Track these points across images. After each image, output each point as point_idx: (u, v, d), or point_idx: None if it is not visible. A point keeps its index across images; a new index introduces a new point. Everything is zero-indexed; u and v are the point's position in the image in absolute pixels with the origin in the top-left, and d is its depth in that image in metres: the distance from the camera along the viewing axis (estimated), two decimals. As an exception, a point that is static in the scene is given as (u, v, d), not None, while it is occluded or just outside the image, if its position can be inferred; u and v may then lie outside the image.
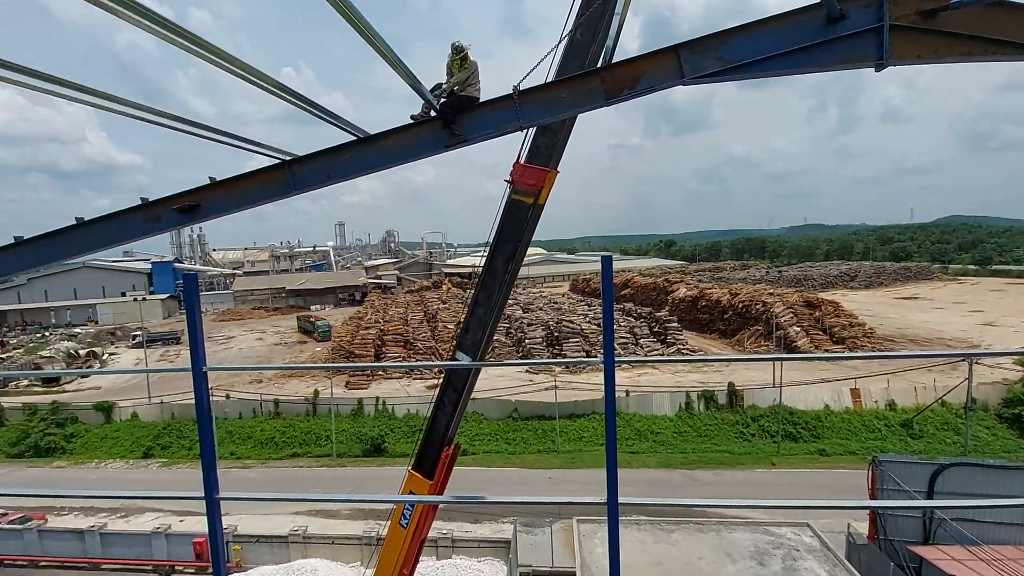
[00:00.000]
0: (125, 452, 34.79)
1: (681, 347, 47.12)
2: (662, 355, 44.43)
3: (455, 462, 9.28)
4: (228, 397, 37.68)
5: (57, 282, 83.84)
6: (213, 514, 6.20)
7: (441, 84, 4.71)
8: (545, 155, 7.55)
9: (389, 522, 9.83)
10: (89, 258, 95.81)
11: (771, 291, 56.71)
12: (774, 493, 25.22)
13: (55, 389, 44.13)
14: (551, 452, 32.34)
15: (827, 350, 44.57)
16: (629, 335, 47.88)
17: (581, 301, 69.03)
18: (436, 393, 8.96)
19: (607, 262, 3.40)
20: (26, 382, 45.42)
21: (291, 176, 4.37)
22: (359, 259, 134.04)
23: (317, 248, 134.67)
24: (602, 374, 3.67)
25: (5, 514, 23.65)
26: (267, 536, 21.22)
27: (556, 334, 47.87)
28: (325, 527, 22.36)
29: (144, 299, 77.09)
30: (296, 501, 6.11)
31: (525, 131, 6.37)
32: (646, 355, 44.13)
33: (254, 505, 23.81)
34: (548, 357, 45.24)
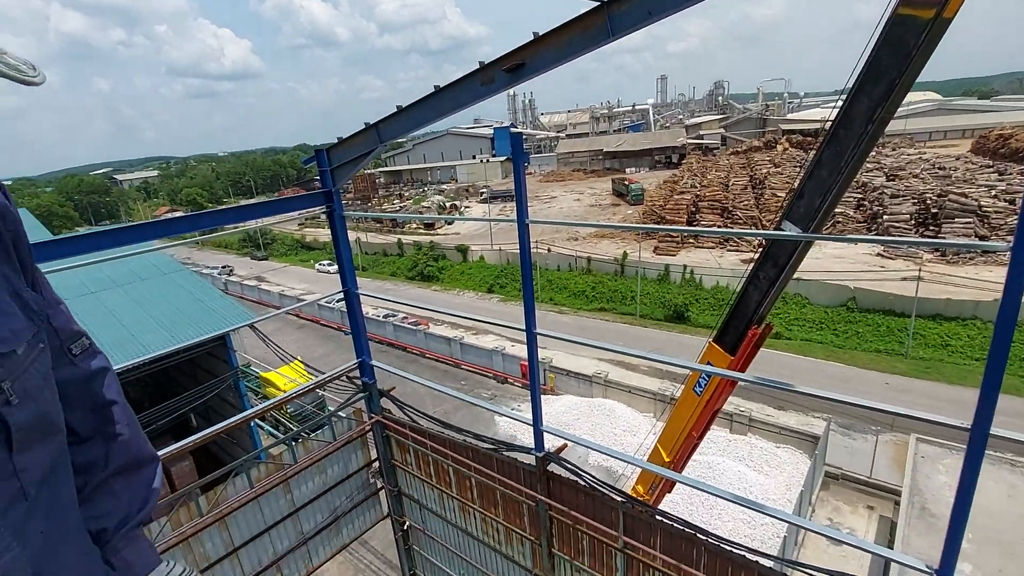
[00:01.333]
0: (475, 286, 44.22)
1: None
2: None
3: (763, 343, 8.28)
4: (549, 251, 42.85)
5: (431, 147, 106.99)
6: (532, 345, 7.02)
7: None
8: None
9: (684, 386, 9.78)
10: (451, 125, 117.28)
11: None
12: None
13: (431, 232, 58.39)
14: (895, 355, 26.66)
15: None
16: (1066, 218, 32.78)
17: (987, 167, 48.62)
18: (751, 266, 7.82)
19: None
20: (414, 225, 61.42)
21: (608, 19, 3.88)
22: (680, 117, 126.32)
23: (636, 107, 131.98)
24: (1004, 268, 2.34)
25: (406, 318, 33.65)
26: (575, 372, 24.53)
27: (934, 210, 36.30)
28: (623, 376, 24.40)
29: (487, 161, 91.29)
30: (601, 348, 6.56)
31: None
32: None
33: (566, 345, 27.49)
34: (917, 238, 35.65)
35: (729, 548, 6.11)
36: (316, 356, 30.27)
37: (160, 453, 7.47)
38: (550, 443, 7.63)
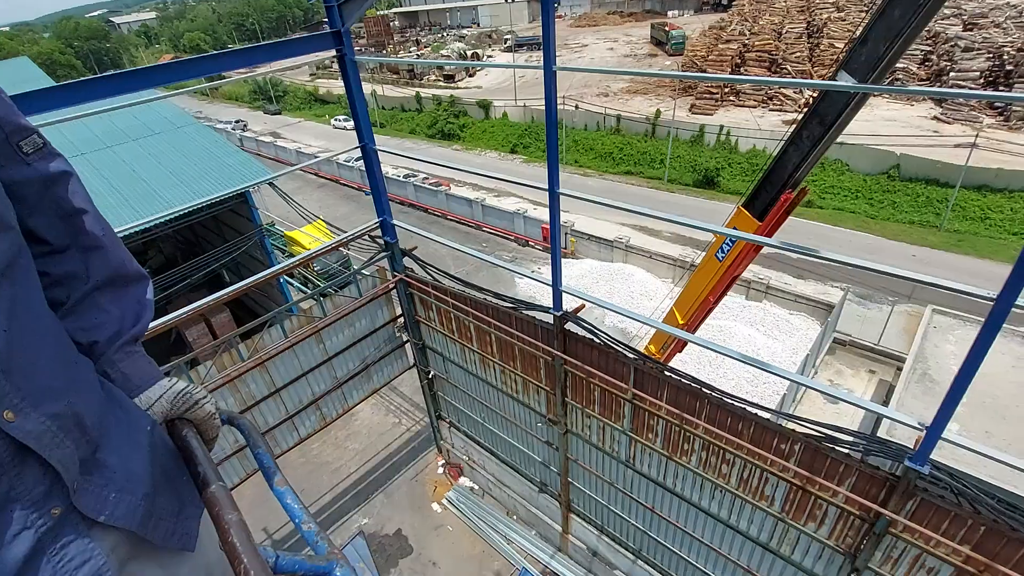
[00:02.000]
0: (498, 145, 42.55)
1: None
2: None
3: (793, 210, 7.99)
4: (576, 108, 40.29)
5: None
6: (553, 204, 6.90)
7: None
8: None
9: (706, 252, 9.73)
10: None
11: None
12: None
13: (451, 86, 54.80)
14: (929, 226, 25.73)
15: None
16: None
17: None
18: (794, 126, 7.23)
19: None
20: (433, 76, 57.43)
21: None
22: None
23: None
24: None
25: (427, 178, 33.05)
26: (597, 237, 24.48)
27: (1010, 67, 32.34)
28: (645, 242, 24.32)
29: (512, 1, 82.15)
30: (622, 210, 6.47)
31: None
32: None
33: (588, 210, 27.08)
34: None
35: (730, 401, 6.50)
36: (338, 216, 30.52)
37: (198, 303, 7.86)
38: (568, 303, 7.84)
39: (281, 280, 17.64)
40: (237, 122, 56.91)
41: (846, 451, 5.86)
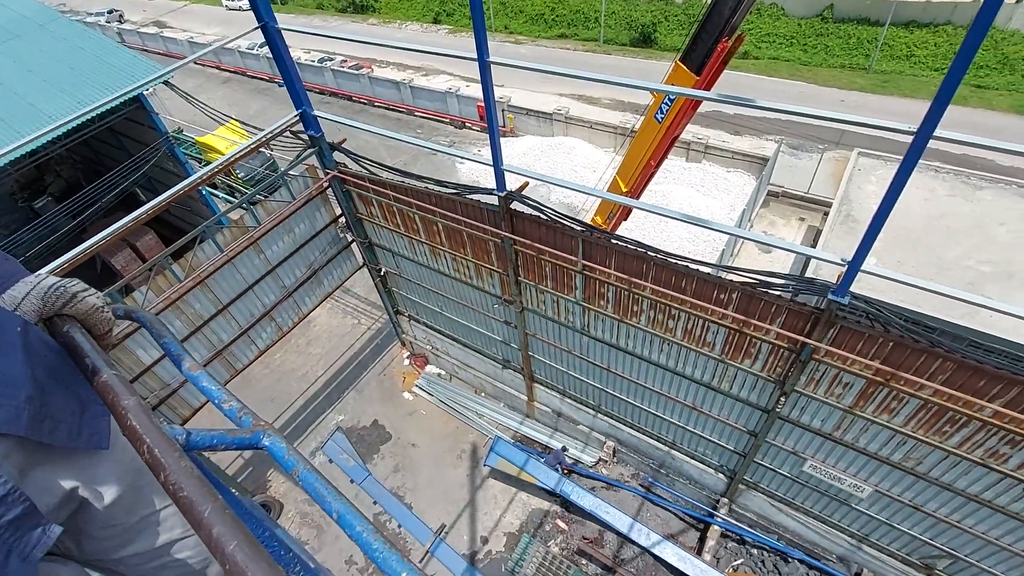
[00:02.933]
0: (418, 15, 38.51)
1: None
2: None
3: (731, 58, 7.82)
4: (501, -37, 36.41)
5: None
6: (485, 75, 6.43)
7: None
8: None
9: (644, 116, 9.58)
10: None
11: None
12: None
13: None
14: (858, 69, 25.94)
15: None
16: None
17: None
18: (729, -33, 6.82)
19: None
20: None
21: None
22: None
23: None
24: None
25: (345, 61, 29.96)
26: (535, 111, 23.51)
27: None
28: (584, 111, 23.60)
29: None
30: (557, 75, 6.17)
31: None
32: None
33: (525, 82, 25.68)
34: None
35: (674, 261, 6.83)
36: (251, 114, 27.71)
37: (116, 226, 7.26)
38: (512, 183, 7.70)
39: (203, 192, 16.39)
40: (110, 12, 48.68)
41: (777, 293, 6.38)
